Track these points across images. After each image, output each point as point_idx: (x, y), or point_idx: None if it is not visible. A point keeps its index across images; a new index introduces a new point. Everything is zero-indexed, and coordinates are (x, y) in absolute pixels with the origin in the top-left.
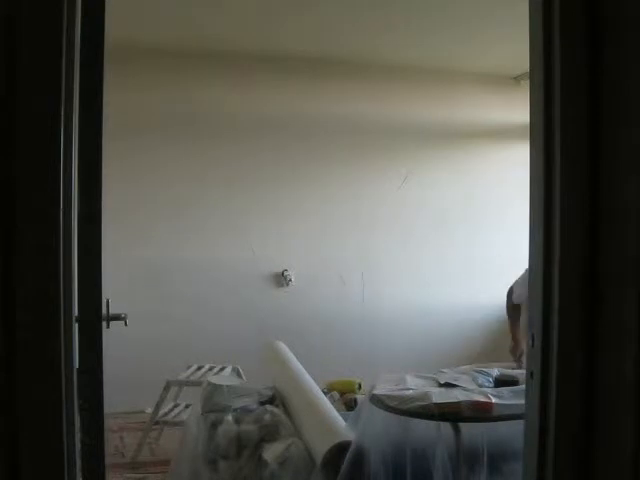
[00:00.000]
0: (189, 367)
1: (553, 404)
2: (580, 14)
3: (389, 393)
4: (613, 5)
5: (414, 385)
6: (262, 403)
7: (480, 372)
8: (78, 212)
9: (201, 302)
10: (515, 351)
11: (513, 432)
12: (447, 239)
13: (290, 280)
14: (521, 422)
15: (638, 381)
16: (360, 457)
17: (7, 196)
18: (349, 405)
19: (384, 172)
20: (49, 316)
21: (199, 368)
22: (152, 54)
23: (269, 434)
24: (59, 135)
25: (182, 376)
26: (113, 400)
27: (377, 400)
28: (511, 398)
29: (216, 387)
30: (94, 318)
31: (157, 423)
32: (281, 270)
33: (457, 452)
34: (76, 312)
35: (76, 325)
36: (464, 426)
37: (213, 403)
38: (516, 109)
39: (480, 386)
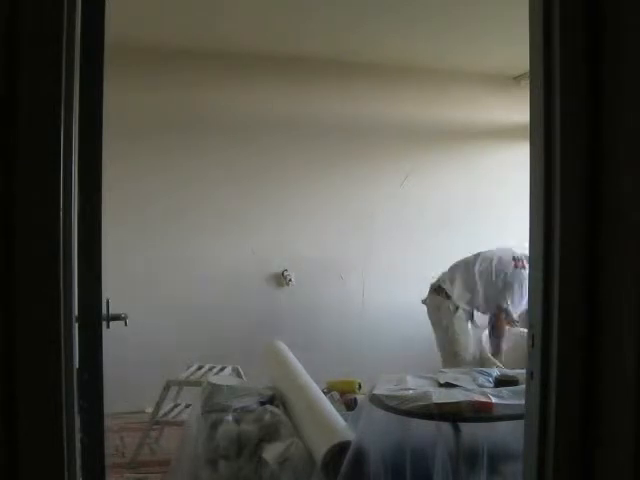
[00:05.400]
0: (189, 367)
1: (553, 404)
2: (580, 14)
3: (389, 393)
4: (613, 5)
5: (414, 385)
6: (262, 403)
7: (480, 372)
8: (78, 212)
9: (201, 302)
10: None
11: (513, 432)
12: (448, 238)
13: (290, 280)
14: (521, 422)
15: (638, 381)
16: (360, 457)
17: (7, 196)
18: (349, 405)
19: (384, 172)
20: (49, 316)
21: (199, 368)
22: (152, 54)
23: (269, 434)
24: (59, 135)
25: (182, 376)
26: (113, 400)
27: (377, 400)
28: (511, 398)
29: (216, 387)
30: (94, 318)
31: (157, 423)
32: (281, 270)
33: (457, 452)
34: (76, 312)
35: (76, 325)
36: (464, 426)
37: (213, 403)
38: (516, 109)
39: (480, 386)
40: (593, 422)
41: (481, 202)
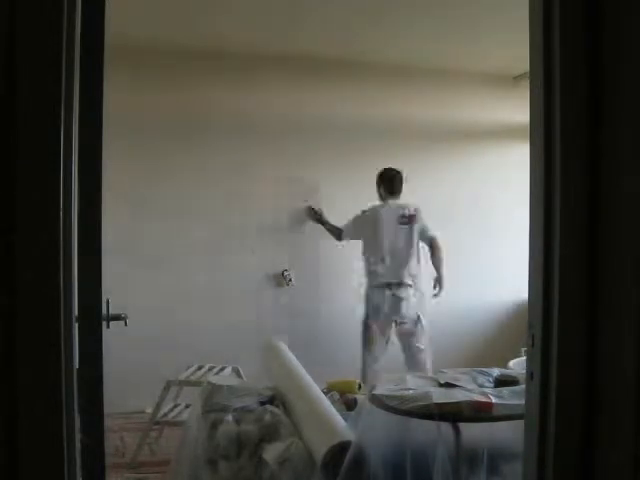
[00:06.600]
0: (189, 367)
1: (553, 404)
2: (580, 14)
3: (389, 393)
4: (613, 5)
5: (414, 385)
6: (262, 403)
7: (480, 372)
8: (78, 211)
9: (201, 302)
10: None
11: (513, 432)
12: (448, 239)
13: (290, 280)
14: (521, 422)
15: (638, 381)
16: (360, 457)
17: (7, 196)
18: (349, 405)
19: None
20: (49, 316)
21: (199, 368)
22: (152, 54)
23: (269, 434)
24: (59, 135)
25: (182, 376)
26: (113, 400)
27: (377, 400)
28: (511, 398)
29: (216, 387)
30: (94, 318)
31: (157, 423)
32: (281, 270)
33: (457, 452)
34: (76, 312)
35: (76, 325)
36: (464, 426)
37: (213, 403)
38: (516, 109)
39: (480, 386)
40: (593, 422)
41: (481, 202)
